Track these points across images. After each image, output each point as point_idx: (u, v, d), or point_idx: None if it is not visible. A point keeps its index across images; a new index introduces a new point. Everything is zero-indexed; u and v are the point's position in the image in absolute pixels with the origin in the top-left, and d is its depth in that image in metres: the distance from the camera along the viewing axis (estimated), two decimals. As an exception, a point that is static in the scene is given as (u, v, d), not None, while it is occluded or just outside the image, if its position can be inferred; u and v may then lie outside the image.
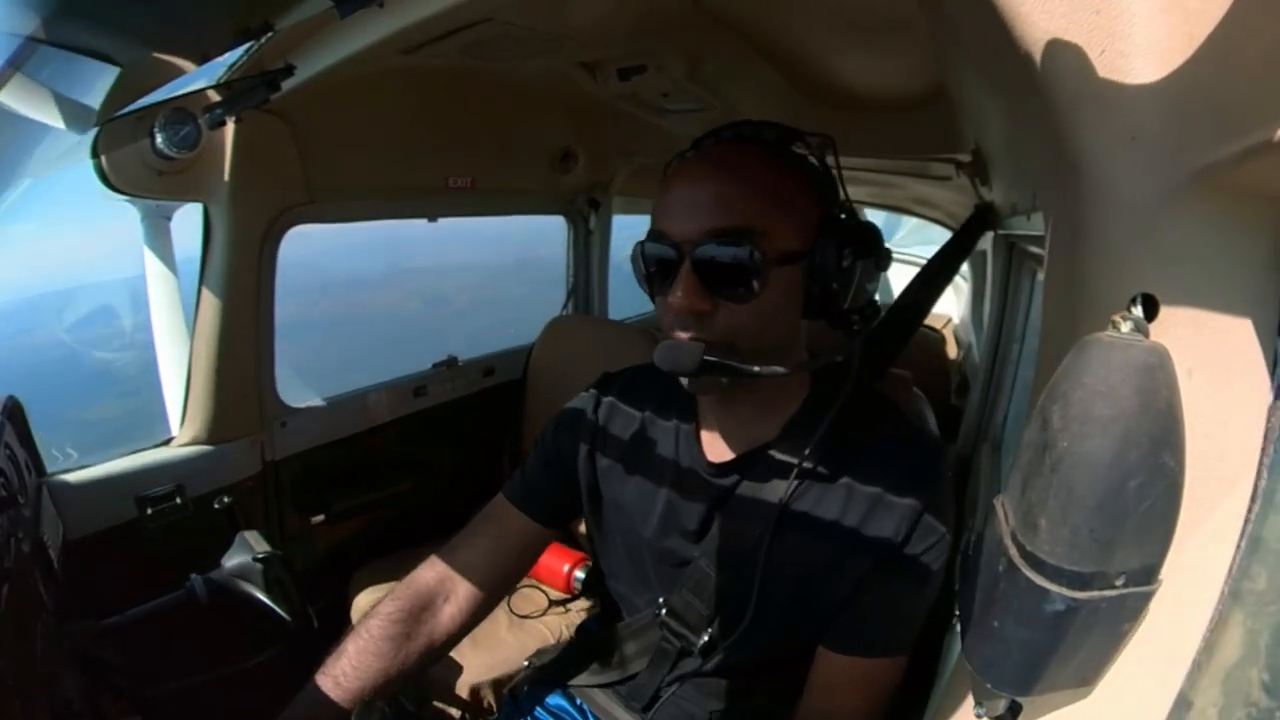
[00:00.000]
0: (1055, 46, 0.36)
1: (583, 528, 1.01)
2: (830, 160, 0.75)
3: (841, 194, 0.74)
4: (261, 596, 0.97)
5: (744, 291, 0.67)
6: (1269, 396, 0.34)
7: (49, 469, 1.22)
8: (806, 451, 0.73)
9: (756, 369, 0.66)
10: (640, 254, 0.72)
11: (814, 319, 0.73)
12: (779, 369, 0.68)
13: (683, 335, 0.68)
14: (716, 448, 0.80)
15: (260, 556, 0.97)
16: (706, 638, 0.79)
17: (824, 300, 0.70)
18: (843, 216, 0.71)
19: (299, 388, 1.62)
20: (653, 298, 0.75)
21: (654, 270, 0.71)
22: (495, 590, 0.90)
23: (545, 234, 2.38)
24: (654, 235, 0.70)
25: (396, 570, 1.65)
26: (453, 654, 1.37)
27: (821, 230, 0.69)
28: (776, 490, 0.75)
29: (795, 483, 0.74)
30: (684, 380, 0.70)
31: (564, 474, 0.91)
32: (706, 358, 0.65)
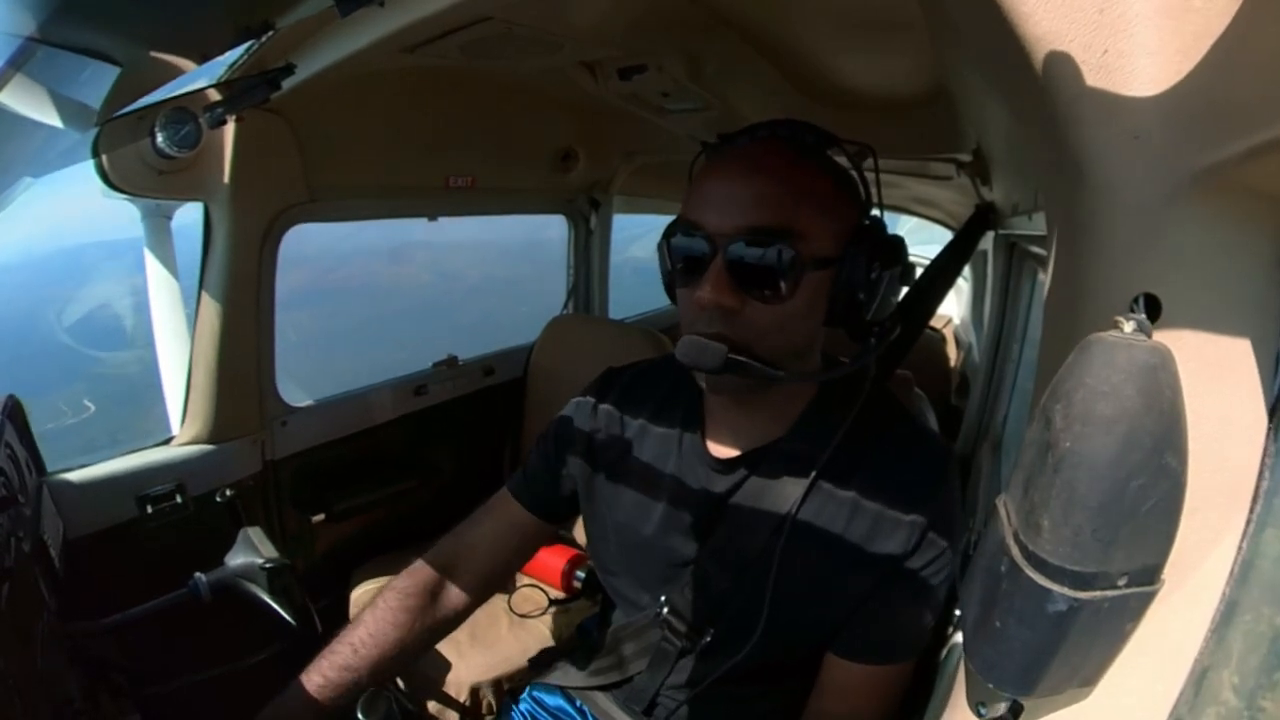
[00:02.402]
0: (1058, 46, 0.36)
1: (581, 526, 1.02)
2: (867, 169, 0.74)
3: (875, 203, 0.73)
4: (265, 598, 0.97)
5: (774, 293, 0.66)
6: (1271, 396, 0.34)
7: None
8: (823, 457, 0.73)
9: (781, 373, 0.66)
10: (668, 244, 0.71)
11: (834, 327, 0.72)
12: (801, 376, 0.68)
13: (706, 331, 0.67)
14: (722, 445, 0.79)
15: (268, 566, 0.97)
16: (708, 639, 0.79)
17: (848, 309, 0.70)
18: (872, 226, 0.71)
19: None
20: (672, 289, 0.74)
21: (681, 262, 0.70)
22: (493, 579, 0.93)
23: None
24: (687, 226, 0.69)
25: (397, 569, 1.65)
26: (453, 653, 1.38)
27: (852, 238, 0.69)
28: (784, 490, 0.74)
29: (808, 486, 0.73)
30: (701, 378, 0.70)
31: (563, 469, 0.91)
32: (731, 357, 0.65)
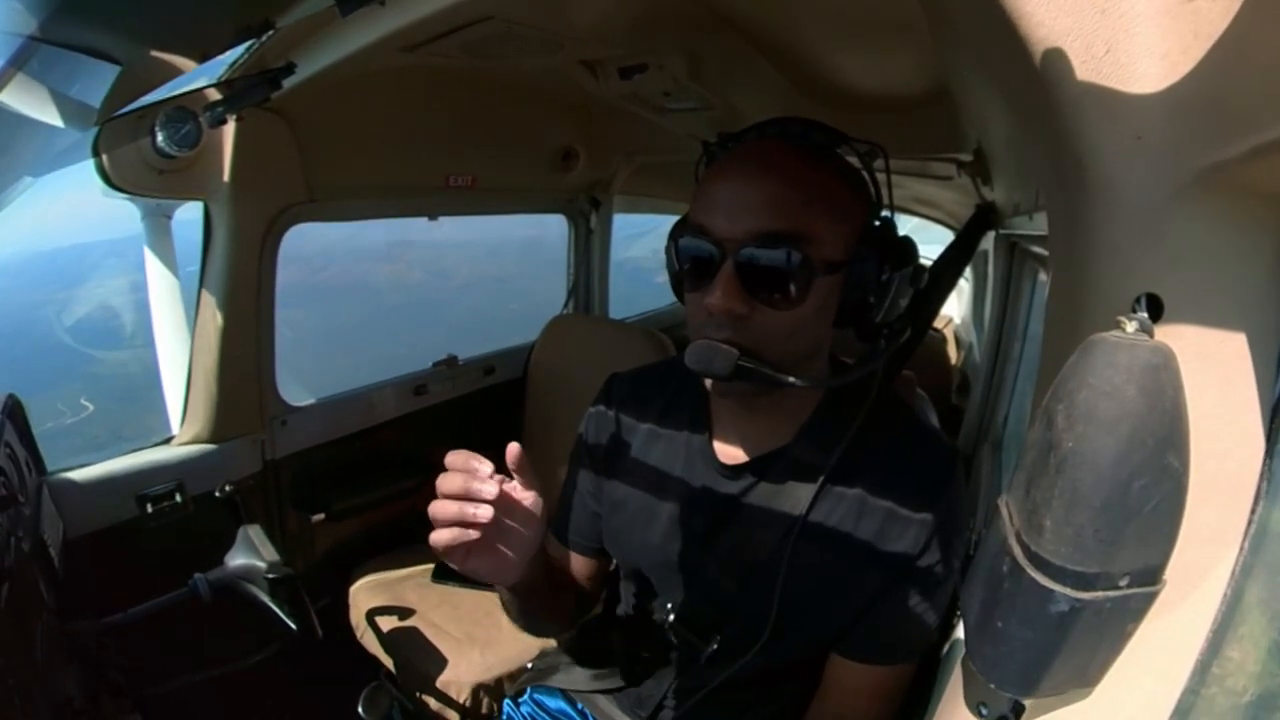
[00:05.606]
0: (1060, 46, 0.35)
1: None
2: (876, 168, 0.73)
3: (885, 203, 0.72)
4: (266, 600, 0.97)
5: (785, 298, 0.65)
6: (1273, 397, 0.34)
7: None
8: (832, 462, 0.72)
9: (791, 379, 0.65)
10: (675, 247, 0.70)
11: (844, 328, 0.71)
12: (813, 381, 0.67)
13: (715, 336, 0.66)
14: (730, 450, 0.79)
15: (273, 576, 0.97)
16: (714, 645, 0.78)
17: (858, 312, 0.69)
18: (882, 227, 0.70)
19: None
20: (680, 292, 0.73)
21: (689, 265, 0.68)
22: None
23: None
24: (695, 230, 0.67)
25: (397, 569, 1.66)
26: (453, 653, 1.38)
27: (863, 240, 0.68)
28: (794, 496, 0.74)
29: (816, 490, 0.73)
30: (709, 381, 0.69)
31: (577, 492, 0.90)
32: (742, 363, 0.64)
